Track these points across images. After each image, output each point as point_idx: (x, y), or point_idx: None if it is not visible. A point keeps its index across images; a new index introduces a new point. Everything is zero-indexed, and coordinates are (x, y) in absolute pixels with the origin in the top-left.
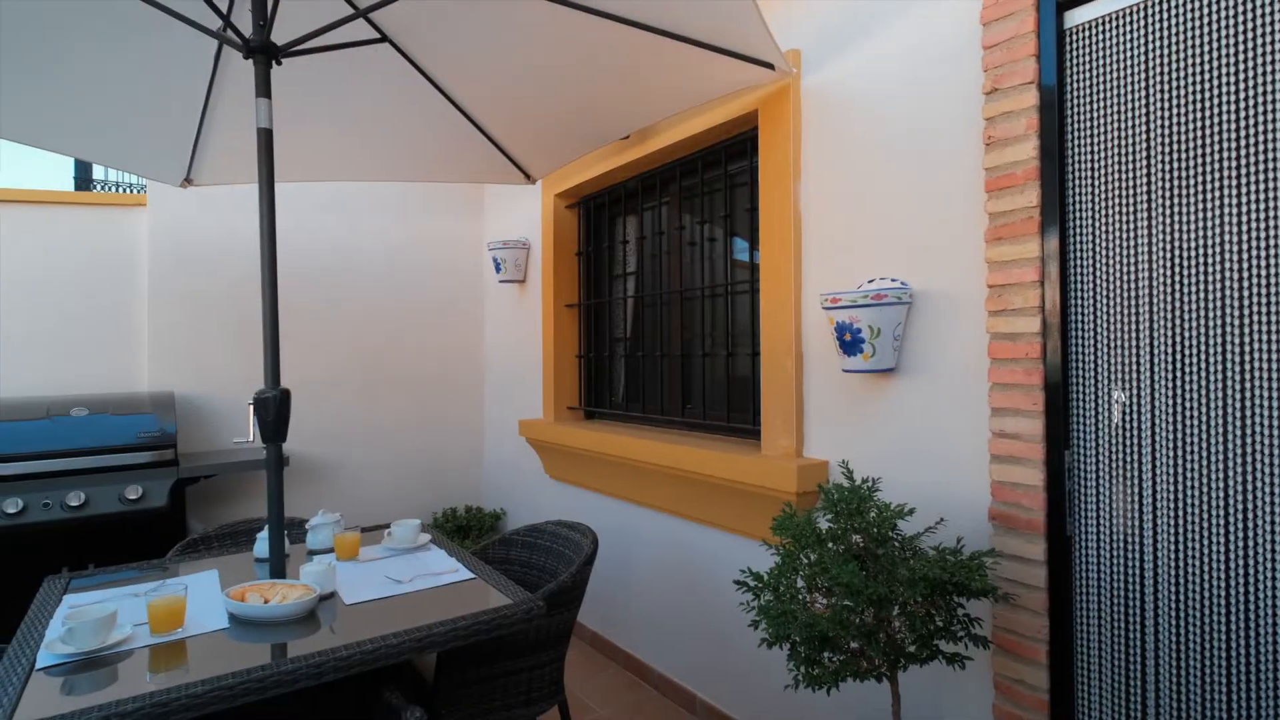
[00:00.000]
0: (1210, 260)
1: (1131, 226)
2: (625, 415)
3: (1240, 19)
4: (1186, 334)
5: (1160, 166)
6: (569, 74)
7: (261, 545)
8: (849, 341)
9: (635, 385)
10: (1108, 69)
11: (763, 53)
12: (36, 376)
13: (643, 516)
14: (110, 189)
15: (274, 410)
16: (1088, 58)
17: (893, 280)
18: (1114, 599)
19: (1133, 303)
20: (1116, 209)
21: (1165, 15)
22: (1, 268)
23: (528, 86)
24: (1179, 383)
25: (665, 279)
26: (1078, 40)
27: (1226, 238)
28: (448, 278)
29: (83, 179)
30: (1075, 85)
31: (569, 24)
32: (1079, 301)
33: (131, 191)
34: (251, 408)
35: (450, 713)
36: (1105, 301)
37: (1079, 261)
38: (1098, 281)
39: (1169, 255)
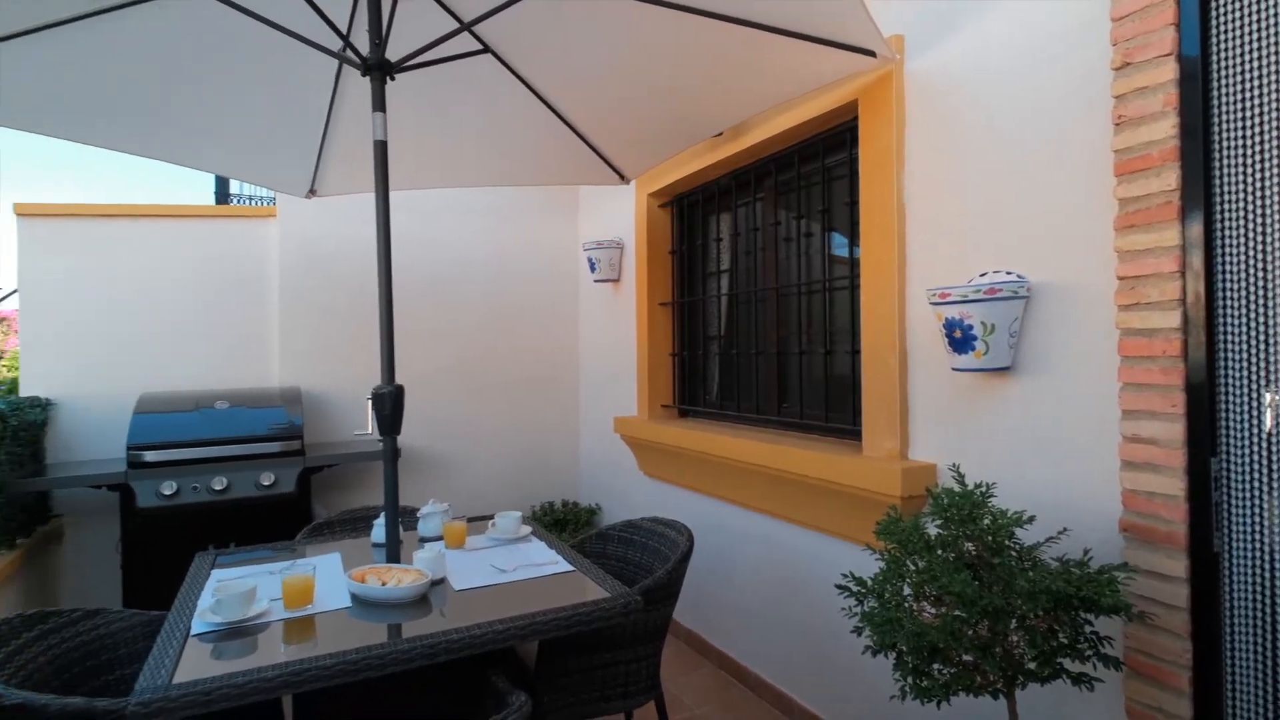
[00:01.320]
0: None
1: None
2: (719, 413)
3: None
4: None
5: None
6: (662, 74)
7: (378, 531)
8: (959, 339)
9: (729, 383)
10: (1264, 34)
11: (864, 40)
12: (186, 372)
13: (737, 515)
14: (245, 202)
15: (389, 405)
16: (1239, 23)
17: (1008, 273)
18: (1272, 625)
19: None
20: (1274, 191)
21: None
22: (157, 276)
23: (621, 88)
24: None
25: (760, 276)
26: (1226, 5)
27: None
28: (544, 278)
29: (221, 194)
30: (1223, 55)
31: (662, 23)
32: (1228, 294)
33: (263, 204)
34: (369, 403)
35: (551, 700)
36: (1259, 294)
37: (1227, 250)
38: (1251, 272)
39: None
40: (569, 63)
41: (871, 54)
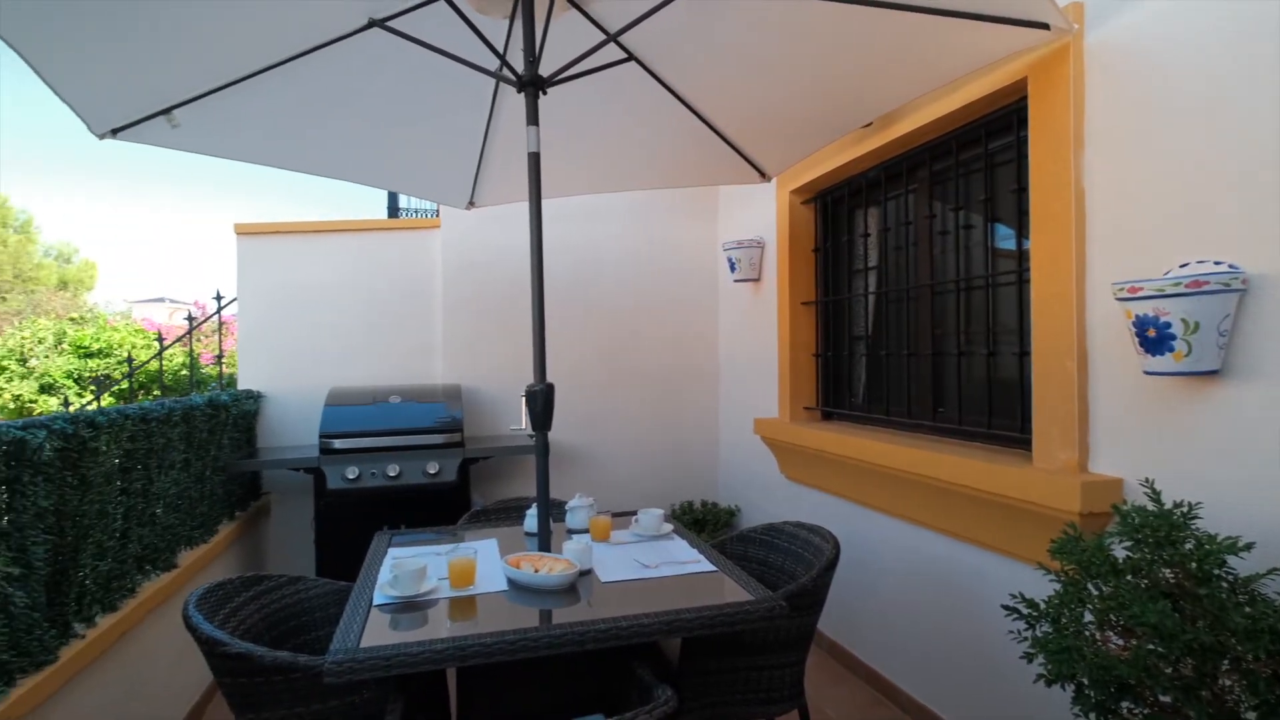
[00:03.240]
0: None
1: None
2: (866, 417)
3: None
4: None
5: None
6: (805, 66)
7: (530, 521)
8: (1153, 338)
9: (878, 386)
10: None
11: (1035, 13)
12: (364, 369)
13: (886, 525)
14: (412, 215)
15: (542, 402)
16: None
17: (1215, 263)
18: None
19: None
20: None
21: None
22: (341, 282)
23: (763, 85)
24: None
25: (912, 272)
26: None
27: None
28: (683, 279)
29: (392, 208)
30: None
31: (804, 13)
32: None
33: (427, 216)
34: (523, 400)
35: (692, 699)
36: None
37: None
38: None
39: None
40: (710, 64)
41: (1045, 27)
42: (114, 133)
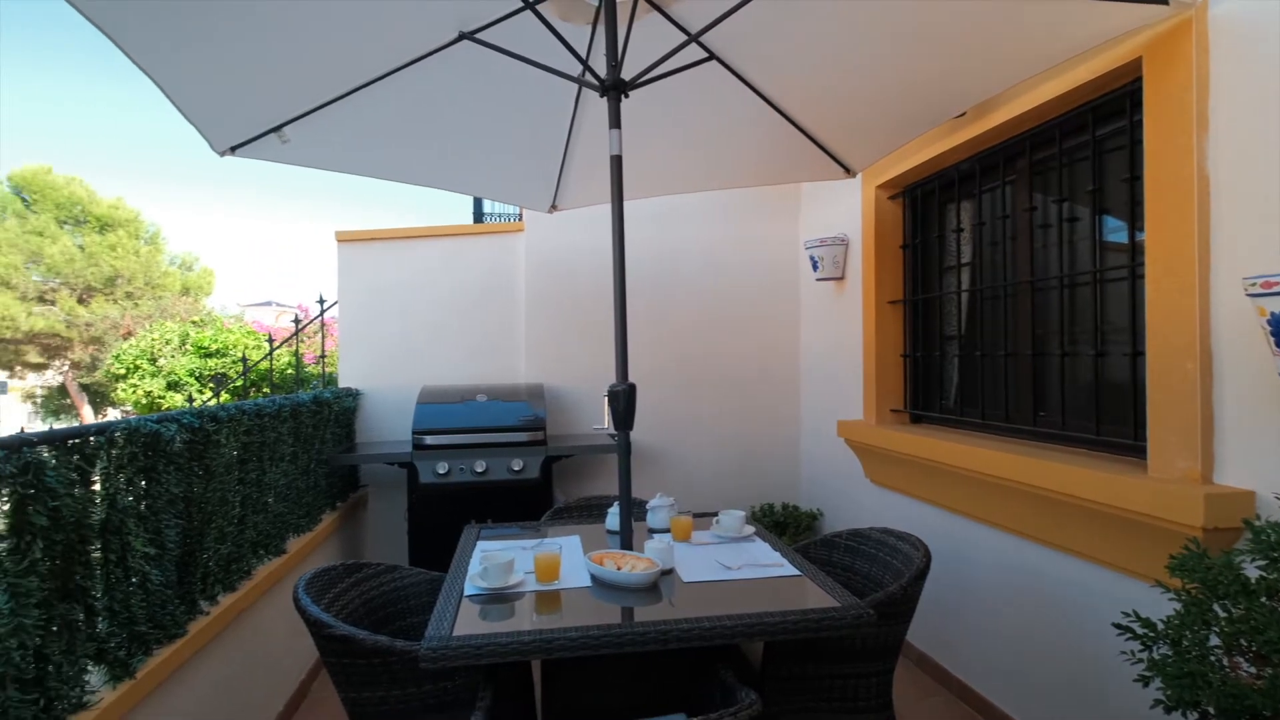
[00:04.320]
0: None
1: None
2: (959, 420)
3: None
4: None
5: None
6: (892, 57)
7: (611, 519)
8: None
9: (971, 388)
10: None
11: None
12: (453, 368)
13: (980, 533)
14: (496, 220)
15: (624, 402)
16: None
17: None
18: None
19: None
20: None
21: None
22: (432, 285)
23: (849, 79)
24: None
25: (1010, 268)
26: None
27: None
28: (763, 278)
29: (477, 214)
30: None
31: (899, 4)
32: None
33: (512, 220)
34: (605, 399)
35: (774, 704)
36: None
37: None
38: None
39: None
40: (792, 58)
41: (1164, 1)
42: (233, 150)
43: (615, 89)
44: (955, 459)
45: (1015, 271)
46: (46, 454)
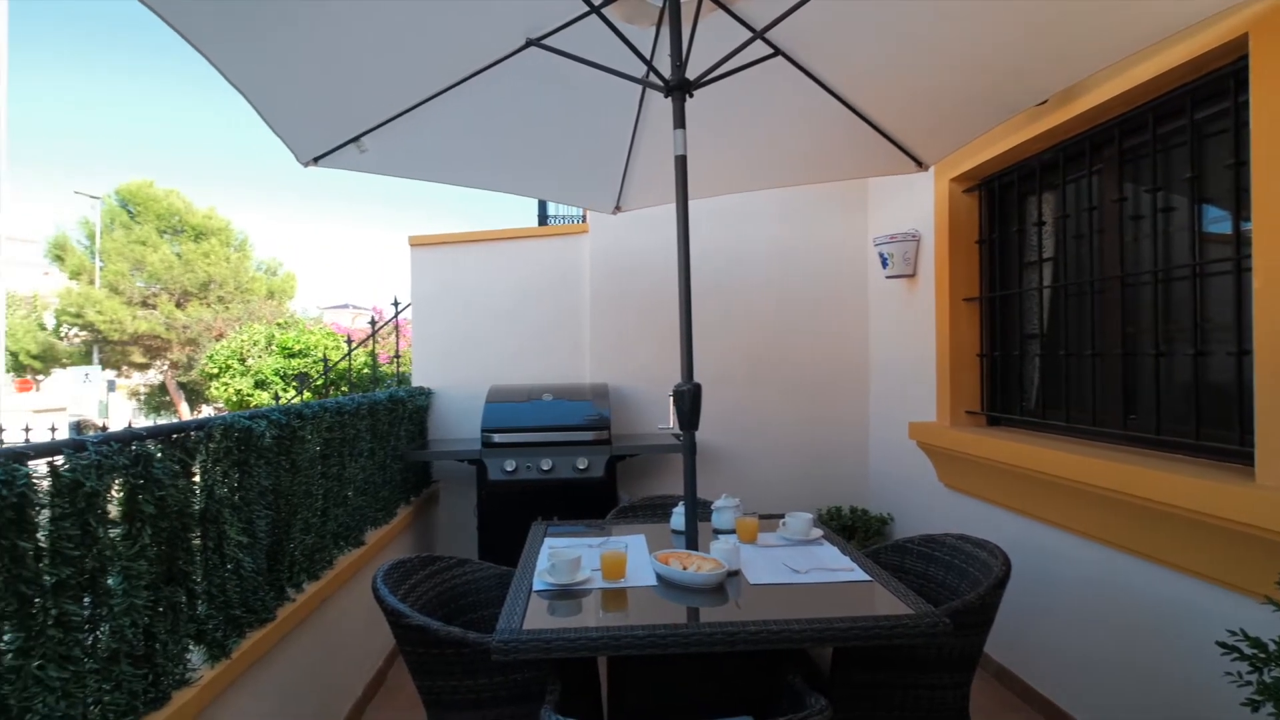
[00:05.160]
0: None
1: None
2: (1041, 423)
3: None
4: None
5: None
6: (966, 44)
7: (676, 519)
8: None
9: (1054, 389)
10: None
11: None
12: (519, 368)
13: (1065, 542)
14: (561, 221)
15: (689, 402)
16: None
17: None
18: None
19: None
20: None
21: None
22: (499, 287)
23: (919, 68)
24: None
25: (1096, 263)
26: None
27: None
28: (830, 276)
29: (541, 216)
30: None
31: None
32: None
33: (575, 222)
34: (670, 399)
35: (844, 712)
36: None
37: None
38: None
39: None
40: (860, 51)
41: None
42: (315, 160)
43: (680, 89)
44: (1039, 463)
45: (1103, 266)
46: (153, 447)
